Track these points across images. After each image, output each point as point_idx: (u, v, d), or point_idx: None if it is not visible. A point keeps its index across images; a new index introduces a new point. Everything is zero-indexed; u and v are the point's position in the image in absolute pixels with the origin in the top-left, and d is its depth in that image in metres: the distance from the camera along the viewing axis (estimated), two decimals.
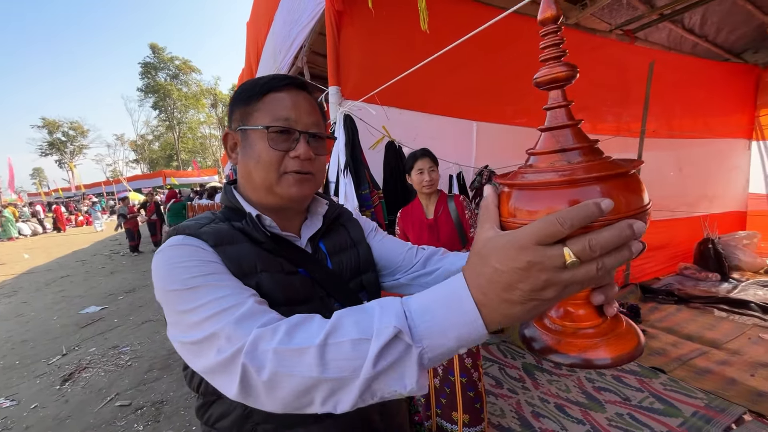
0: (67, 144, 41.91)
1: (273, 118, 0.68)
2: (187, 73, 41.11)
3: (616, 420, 2.22)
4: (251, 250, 0.66)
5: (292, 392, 0.45)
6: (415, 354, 0.42)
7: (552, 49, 0.41)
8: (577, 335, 0.42)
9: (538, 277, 0.36)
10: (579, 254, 0.34)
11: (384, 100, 2.53)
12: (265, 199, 0.72)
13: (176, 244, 0.62)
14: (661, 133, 4.29)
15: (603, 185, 0.36)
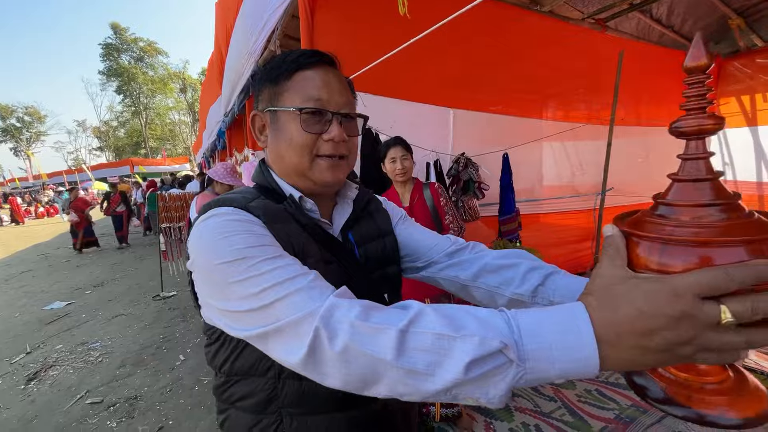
0: (22, 130, 39.29)
1: (304, 98, 0.65)
2: (152, 56, 39.09)
3: (585, 396, 2.34)
4: (299, 231, 0.64)
5: (360, 371, 0.43)
6: (513, 373, 0.39)
7: (697, 100, 0.39)
8: (705, 391, 0.39)
9: (686, 331, 0.34)
10: (737, 314, 0.32)
11: (360, 86, 2.46)
12: (297, 183, 0.69)
13: (226, 214, 0.58)
14: (629, 121, 4.43)
15: (760, 248, 0.34)
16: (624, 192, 4.50)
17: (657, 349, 0.36)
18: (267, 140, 0.71)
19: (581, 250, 4.46)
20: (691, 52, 0.38)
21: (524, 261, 0.71)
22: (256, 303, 0.49)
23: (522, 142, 3.57)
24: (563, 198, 4.23)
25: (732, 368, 0.42)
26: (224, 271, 0.52)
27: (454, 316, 0.43)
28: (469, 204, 3.09)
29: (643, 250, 0.39)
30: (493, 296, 0.72)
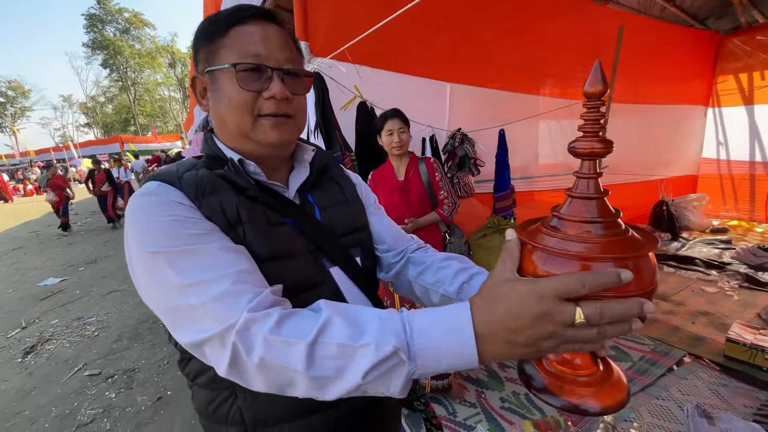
0: (6, 105, 38.07)
1: (240, 54, 0.61)
2: (139, 28, 37.68)
3: None
4: (234, 199, 0.61)
5: (278, 378, 0.47)
6: (406, 370, 0.44)
7: (592, 124, 0.43)
8: (576, 383, 0.45)
9: (545, 328, 0.39)
10: (589, 317, 0.37)
11: (356, 58, 2.42)
12: (243, 146, 0.66)
13: (151, 193, 0.57)
14: (626, 99, 4.40)
15: (625, 264, 0.38)
16: (618, 171, 4.51)
17: (524, 344, 0.41)
18: (209, 103, 0.67)
19: None
20: (589, 79, 0.42)
21: (457, 262, 0.75)
22: (180, 302, 0.50)
23: (519, 119, 3.54)
24: (558, 175, 4.23)
25: (603, 362, 0.48)
26: (147, 261, 0.53)
27: (358, 320, 0.47)
28: (464, 180, 3.09)
29: (533, 257, 0.43)
30: (429, 293, 0.77)
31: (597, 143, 0.42)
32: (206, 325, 0.48)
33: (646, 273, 0.39)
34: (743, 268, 3.66)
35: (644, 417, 1.91)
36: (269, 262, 0.60)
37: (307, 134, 2.29)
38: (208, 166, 0.65)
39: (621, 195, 4.76)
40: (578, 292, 0.37)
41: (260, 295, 0.49)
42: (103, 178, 8.59)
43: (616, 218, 0.43)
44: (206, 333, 0.47)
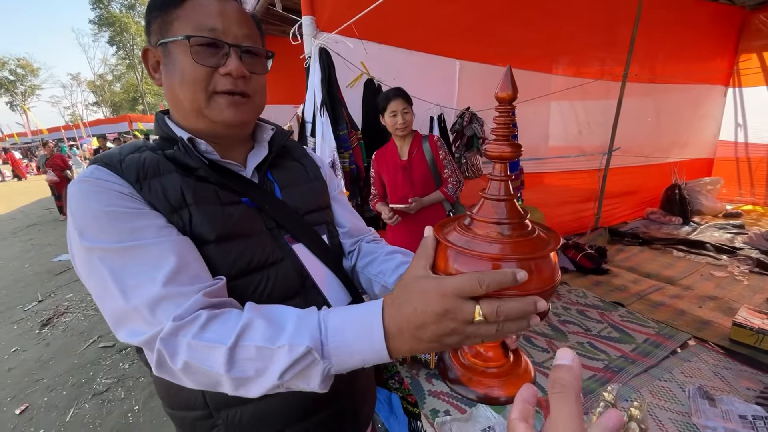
0: (16, 84, 38.20)
1: (196, 27, 0.58)
2: (144, 3, 37.11)
3: (577, 348, 2.42)
4: (179, 181, 0.59)
5: (204, 379, 0.48)
6: (321, 368, 0.45)
7: (503, 128, 0.44)
8: (485, 374, 0.48)
9: (447, 325, 0.40)
10: (486, 315, 0.38)
11: (363, 34, 2.36)
12: (197, 124, 0.63)
13: (88, 179, 0.55)
14: (643, 78, 4.25)
15: (527, 264, 0.40)
16: (632, 152, 4.41)
17: (429, 340, 0.42)
18: (162, 78, 0.64)
19: (584, 211, 4.45)
20: (500, 84, 0.43)
21: (401, 256, 0.78)
22: (113, 302, 0.50)
23: (530, 98, 3.45)
24: (569, 157, 4.15)
25: (514, 354, 0.50)
26: (80, 254, 0.52)
27: (277, 321, 0.48)
28: (472, 161, 3.05)
29: (446, 255, 0.44)
30: (372, 284, 0.78)
31: (507, 147, 0.43)
32: (138, 327, 0.49)
33: (545, 272, 0.41)
34: (755, 253, 3.60)
35: (645, 397, 1.92)
36: (220, 242, 0.59)
37: (313, 112, 2.26)
38: (159, 146, 0.63)
39: (632, 177, 4.68)
40: (476, 291, 0.38)
41: (190, 300, 0.49)
42: None
43: (524, 220, 0.45)
44: (138, 336, 0.49)
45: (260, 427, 0.66)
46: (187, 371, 0.47)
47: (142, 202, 0.56)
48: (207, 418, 0.65)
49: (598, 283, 3.31)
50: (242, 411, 0.65)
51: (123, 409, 2.27)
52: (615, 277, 3.40)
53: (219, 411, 0.65)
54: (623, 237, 4.35)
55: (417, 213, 2.02)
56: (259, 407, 0.65)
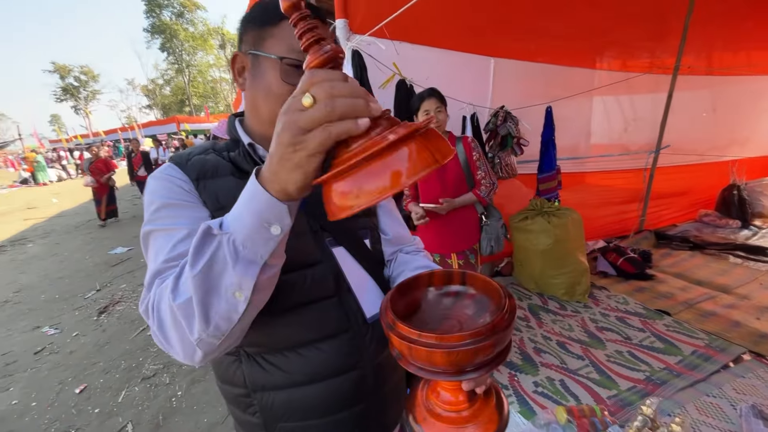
0: (80, 89, 41.66)
1: (288, 48, 0.62)
2: (192, 11, 39.16)
3: (615, 357, 2.31)
4: (233, 184, 0.65)
5: (168, 328, 0.50)
6: (224, 240, 0.45)
7: (308, 35, 0.40)
8: (440, 417, 0.46)
9: (283, 120, 0.40)
10: (314, 93, 0.38)
11: (395, 35, 2.37)
12: (267, 131, 0.67)
13: (162, 175, 0.65)
14: (698, 70, 3.95)
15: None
16: (683, 150, 4.11)
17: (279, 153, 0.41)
18: (245, 83, 0.69)
19: (627, 212, 4.21)
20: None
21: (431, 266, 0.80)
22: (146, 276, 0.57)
23: (569, 95, 3.31)
24: (611, 156, 3.94)
25: (481, 400, 0.48)
26: (143, 237, 0.61)
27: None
28: (506, 161, 2.97)
29: None
30: None
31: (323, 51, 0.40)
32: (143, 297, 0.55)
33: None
34: None
35: (691, 413, 1.81)
36: None
37: None
38: (227, 147, 0.70)
39: (683, 177, 4.37)
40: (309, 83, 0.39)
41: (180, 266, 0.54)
42: (140, 161, 7.91)
43: None
44: (140, 306, 0.55)
45: (289, 414, 0.71)
46: (160, 323, 0.50)
47: (197, 196, 0.64)
48: (246, 397, 0.72)
49: (640, 290, 3.13)
50: (274, 397, 0.70)
51: (168, 393, 2.44)
52: (660, 284, 3.20)
53: (255, 392, 0.71)
54: (671, 241, 4.08)
55: (448, 214, 2.00)
56: (289, 396, 0.70)
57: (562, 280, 2.99)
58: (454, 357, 0.38)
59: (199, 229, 0.46)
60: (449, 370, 0.40)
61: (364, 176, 0.36)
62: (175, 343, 0.50)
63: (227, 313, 0.47)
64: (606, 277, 3.39)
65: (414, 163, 0.35)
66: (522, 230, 3.06)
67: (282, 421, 0.71)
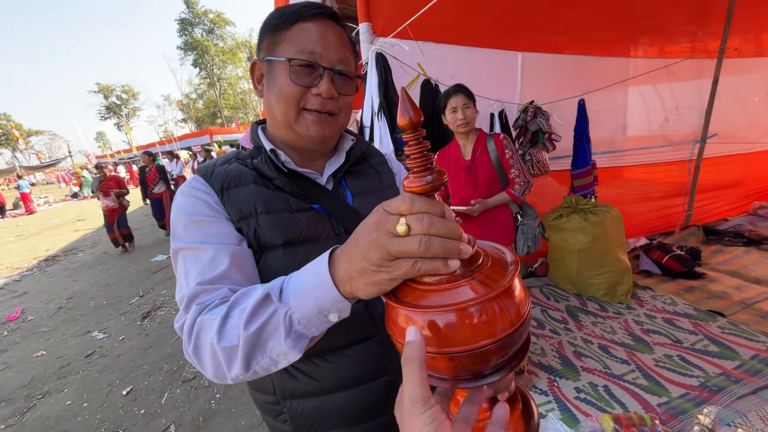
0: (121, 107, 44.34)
1: (298, 50, 0.64)
2: (221, 27, 40.81)
3: (664, 361, 2.17)
4: (254, 192, 0.67)
5: (205, 357, 0.52)
6: (282, 313, 0.46)
7: (419, 157, 0.39)
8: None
9: (371, 236, 0.39)
10: (410, 223, 0.36)
11: (419, 35, 2.35)
12: (286, 135, 0.70)
13: (187, 191, 0.67)
14: (747, 52, 3.68)
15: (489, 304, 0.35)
16: (732, 138, 3.83)
17: (359, 259, 0.40)
18: (263, 90, 0.71)
19: (671, 207, 3.96)
20: (399, 110, 0.38)
21: None
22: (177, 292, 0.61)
23: (603, 86, 3.17)
24: (652, 148, 3.73)
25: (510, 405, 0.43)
26: (172, 253, 0.64)
27: (249, 293, 0.52)
28: (537, 157, 2.88)
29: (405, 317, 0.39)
30: None
31: (429, 176, 0.39)
32: (179, 315, 0.57)
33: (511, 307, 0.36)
34: None
35: (754, 423, 1.66)
36: (287, 246, 0.66)
37: (371, 116, 2.30)
38: (251, 154, 0.72)
39: (733, 168, 4.07)
40: (404, 206, 0.37)
41: (217, 292, 0.57)
42: (156, 176, 7.02)
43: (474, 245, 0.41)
44: (176, 323, 0.57)
45: (319, 423, 0.71)
46: (197, 350, 0.52)
47: (221, 210, 0.65)
48: (275, 404, 0.73)
49: (689, 289, 2.93)
50: (304, 404, 0.70)
51: (207, 396, 2.51)
52: (712, 283, 2.97)
53: (285, 400, 0.71)
54: (722, 236, 3.79)
55: (481, 215, 1.95)
56: (318, 404, 0.70)
57: (601, 280, 2.85)
58: (458, 363, 0.35)
59: (259, 294, 0.48)
60: (458, 377, 0.37)
61: (432, 315, 0.36)
62: (208, 368, 0.53)
63: (268, 366, 0.50)
64: (650, 276, 3.19)
65: (486, 326, 0.34)
66: (557, 229, 2.95)
67: (312, 429, 0.72)
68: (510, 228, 2.00)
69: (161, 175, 7.04)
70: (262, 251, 0.65)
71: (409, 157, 0.39)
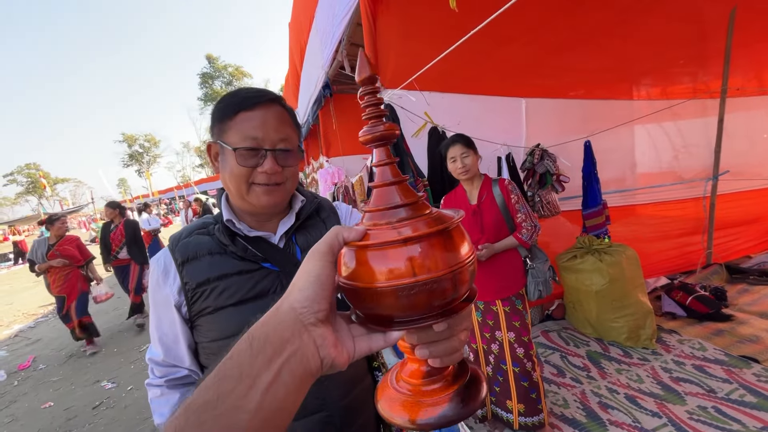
0: (143, 155, 46.50)
1: (242, 137, 0.74)
2: (239, 79, 43.42)
3: (698, 413, 2.02)
4: (208, 263, 0.78)
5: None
6: None
7: (373, 109, 0.41)
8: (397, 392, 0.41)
9: None
10: None
11: (425, 85, 2.46)
12: (242, 205, 0.81)
13: (153, 263, 0.81)
14: (750, 91, 3.73)
15: (435, 238, 0.36)
16: (746, 174, 3.79)
17: None
18: (219, 166, 0.80)
19: (690, 245, 3.86)
20: (357, 69, 0.41)
21: None
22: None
23: (607, 127, 3.22)
24: (663, 186, 3.71)
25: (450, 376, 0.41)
26: None
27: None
28: (547, 198, 2.88)
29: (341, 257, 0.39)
30: None
31: (381, 126, 0.40)
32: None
33: (449, 250, 0.36)
34: None
35: None
36: (238, 305, 0.76)
37: None
38: (216, 220, 0.84)
39: (751, 203, 3.99)
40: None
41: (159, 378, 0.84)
42: (121, 236, 4.89)
43: (420, 200, 0.41)
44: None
45: None
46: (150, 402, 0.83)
47: (177, 287, 0.78)
48: None
49: (718, 332, 2.78)
50: None
51: None
52: (741, 325, 2.82)
53: None
54: (747, 274, 3.64)
55: (490, 260, 1.93)
56: None
57: (623, 324, 2.73)
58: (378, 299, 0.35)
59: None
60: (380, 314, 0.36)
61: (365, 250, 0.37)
62: None
63: None
64: (674, 318, 3.05)
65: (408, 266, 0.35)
66: (571, 270, 2.88)
67: None
68: (520, 272, 1.97)
69: (129, 235, 4.89)
70: (217, 310, 0.76)
71: (365, 110, 0.41)
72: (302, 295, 0.33)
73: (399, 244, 0.35)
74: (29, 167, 45.56)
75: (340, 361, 0.34)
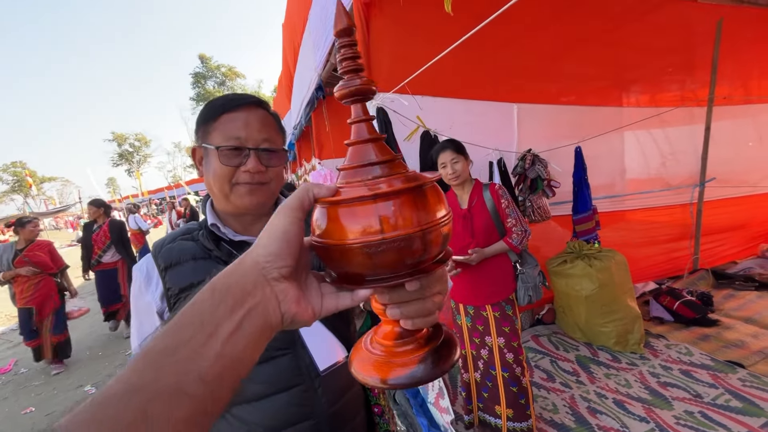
0: (134, 154, 45.92)
1: (225, 137, 0.75)
2: (232, 79, 43.15)
3: (685, 418, 2.04)
4: (191, 268, 0.77)
5: None
6: None
7: (349, 62, 0.40)
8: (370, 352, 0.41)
9: None
10: None
11: (417, 89, 2.47)
12: (226, 207, 0.80)
13: (136, 270, 0.81)
14: (736, 100, 3.80)
15: (396, 200, 0.35)
16: (732, 182, 3.86)
17: None
18: (203, 170, 0.81)
19: (677, 250, 3.91)
20: (334, 21, 0.39)
21: None
22: None
23: (598, 133, 3.25)
24: (652, 192, 3.76)
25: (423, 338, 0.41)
26: None
27: None
28: (538, 203, 2.90)
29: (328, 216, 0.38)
30: None
31: (357, 80, 0.39)
32: None
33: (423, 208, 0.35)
34: None
35: None
36: None
37: None
38: (200, 226, 0.83)
39: (737, 210, 4.07)
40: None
41: None
42: (105, 237, 4.43)
43: (397, 159, 0.40)
44: None
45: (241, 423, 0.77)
46: None
47: (157, 293, 0.78)
48: None
49: (704, 337, 2.82)
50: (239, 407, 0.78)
51: None
52: (727, 330, 2.87)
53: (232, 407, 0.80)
54: (733, 280, 3.71)
55: (479, 264, 1.93)
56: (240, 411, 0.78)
57: (611, 328, 2.75)
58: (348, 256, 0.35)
59: None
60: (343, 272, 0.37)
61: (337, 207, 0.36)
62: None
63: None
64: (662, 323, 3.09)
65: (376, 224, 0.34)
66: (561, 275, 2.90)
67: None
68: (510, 277, 1.97)
69: (115, 236, 4.45)
70: None
71: (342, 63, 0.40)
72: (266, 250, 0.33)
73: (368, 201, 0.34)
74: (15, 165, 44.68)
75: (302, 318, 0.35)
